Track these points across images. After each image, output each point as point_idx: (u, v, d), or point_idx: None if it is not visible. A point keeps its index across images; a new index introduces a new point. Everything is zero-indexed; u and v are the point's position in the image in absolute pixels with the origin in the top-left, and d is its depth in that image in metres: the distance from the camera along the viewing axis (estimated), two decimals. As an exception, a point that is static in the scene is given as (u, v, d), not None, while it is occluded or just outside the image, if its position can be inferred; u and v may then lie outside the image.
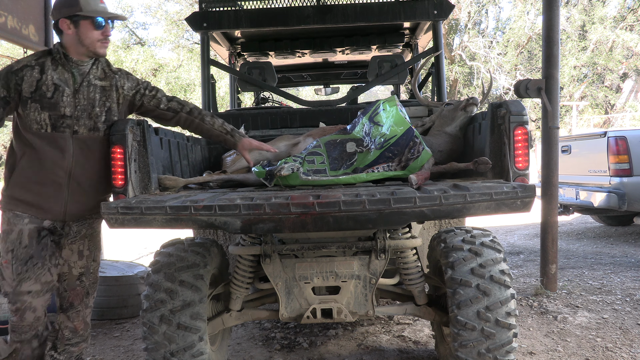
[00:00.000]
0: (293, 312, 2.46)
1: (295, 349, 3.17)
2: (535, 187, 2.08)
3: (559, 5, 4.03)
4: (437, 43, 3.81)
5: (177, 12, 18.12)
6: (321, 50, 4.65)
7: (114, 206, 2.00)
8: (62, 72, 2.23)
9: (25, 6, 3.60)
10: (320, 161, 2.66)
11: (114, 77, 2.37)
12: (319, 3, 4.11)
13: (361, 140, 2.76)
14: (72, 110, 2.23)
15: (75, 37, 2.22)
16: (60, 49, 2.25)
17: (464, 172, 2.66)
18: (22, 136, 2.22)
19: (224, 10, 3.87)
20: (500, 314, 2.18)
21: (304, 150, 2.78)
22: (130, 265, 4.48)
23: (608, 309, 3.72)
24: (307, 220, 1.96)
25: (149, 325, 2.27)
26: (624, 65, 18.32)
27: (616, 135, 5.78)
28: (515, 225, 8.17)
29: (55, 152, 2.22)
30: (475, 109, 2.93)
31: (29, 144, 2.20)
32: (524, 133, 2.30)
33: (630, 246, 6.19)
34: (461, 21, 18.02)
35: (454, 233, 2.46)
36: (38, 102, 2.18)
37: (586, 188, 6.19)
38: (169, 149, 2.72)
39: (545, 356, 2.96)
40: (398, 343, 3.21)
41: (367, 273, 2.43)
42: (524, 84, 3.99)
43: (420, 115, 3.60)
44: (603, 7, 17.40)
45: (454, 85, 18.91)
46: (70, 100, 2.23)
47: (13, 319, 2.27)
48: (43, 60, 2.23)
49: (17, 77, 2.17)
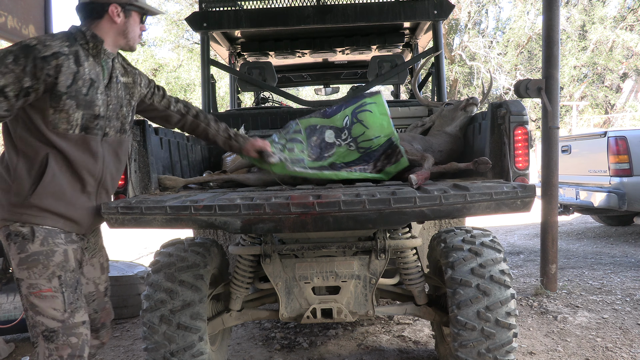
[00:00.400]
0: (293, 312, 2.46)
1: (295, 349, 3.17)
2: (535, 187, 2.08)
3: (559, 5, 4.03)
4: (437, 43, 3.81)
5: (177, 12, 18.11)
6: (321, 50, 4.65)
7: (114, 206, 2.00)
8: (93, 64, 1.92)
9: (25, 6, 3.60)
10: (300, 149, 2.64)
11: (134, 73, 2.16)
12: (319, 3, 4.11)
13: (340, 130, 2.76)
14: (104, 109, 1.96)
15: (122, 27, 1.96)
16: (95, 36, 1.92)
17: (464, 172, 2.66)
18: (44, 136, 1.84)
19: (224, 10, 3.87)
20: (500, 314, 2.18)
21: (285, 132, 2.75)
22: (130, 265, 4.48)
23: (608, 309, 3.72)
24: (307, 220, 1.96)
25: (149, 325, 2.27)
26: (624, 65, 18.31)
27: (616, 135, 5.78)
28: (515, 225, 8.17)
29: (87, 157, 1.92)
30: (475, 109, 2.94)
31: (53, 146, 1.84)
32: (524, 133, 2.30)
33: (630, 246, 6.19)
34: (461, 21, 18.01)
35: (454, 233, 2.46)
36: (74, 98, 1.85)
37: (586, 188, 6.19)
38: (169, 149, 2.72)
39: (545, 356, 2.96)
40: (398, 343, 3.21)
41: (367, 273, 2.43)
42: (524, 84, 3.99)
43: (420, 115, 3.60)
44: (603, 7, 17.39)
45: (454, 85, 18.91)
46: (103, 98, 1.95)
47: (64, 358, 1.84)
48: (76, 49, 1.87)
49: (49, 65, 1.78)
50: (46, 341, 1.81)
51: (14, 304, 3.33)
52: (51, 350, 1.80)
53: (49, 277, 1.81)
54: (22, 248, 1.80)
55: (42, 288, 1.80)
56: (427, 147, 2.85)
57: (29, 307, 1.83)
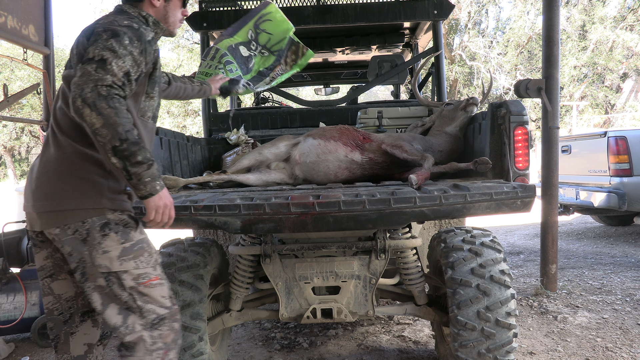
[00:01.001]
0: (293, 312, 2.46)
1: (295, 349, 3.17)
2: (535, 187, 2.08)
3: (559, 5, 4.03)
4: (437, 43, 3.81)
5: (177, 12, 18.07)
6: (321, 50, 4.65)
7: (114, 206, 2.00)
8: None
9: (25, 6, 3.60)
10: (235, 68, 2.81)
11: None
12: (319, 3, 4.11)
13: (248, 43, 2.95)
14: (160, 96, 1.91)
15: (162, 11, 1.86)
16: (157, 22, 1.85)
17: (464, 172, 2.66)
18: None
19: (224, 10, 3.87)
20: (500, 314, 2.18)
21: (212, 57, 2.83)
22: (130, 265, 4.48)
23: (608, 309, 3.72)
24: (307, 220, 1.96)
25: (149, 325, 2.27)
26: (624, 65, 18.30)
27: (616, 135, 5.78)
28: (515, 225, 8.17)
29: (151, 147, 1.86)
30: (475, 109, 2.94)
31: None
32: (524, 133, 2.30)
33: (630, 246, 6.19)
34: (461, 21, 18.00)
35: (454, 233, 2.46)
36: (159, 85, 1.82)
37: (586, 188, 6.19)
38: (169, 149, 2.72)
39: (545, 356, 2.95)
40: (398, 343, 3.21)
41: (367, 273, 2.42)
42: (524, 84, 3.99)
43: (420, 115, 3.60)
44: (603, 7, 17.39)
45: (454, 85, 18.90)
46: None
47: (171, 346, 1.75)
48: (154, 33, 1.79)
49: (152, 49, 1.70)
50: (151, 329, 1.70)
51: (14, 304, 3.33)
52: (155, 338, 1.70)
53: (154, 264, 1.74)
54: (126, 237, 1.68)
55: (151, 277, 1.71)
56: (427, 147, 2.85)
57: (137, 296, 1.68)
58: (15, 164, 23.85)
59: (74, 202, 1.64)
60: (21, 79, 17.53)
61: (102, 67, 1.53)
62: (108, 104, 1.50)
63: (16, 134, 21.81)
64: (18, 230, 3.69)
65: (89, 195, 1.65)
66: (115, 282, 1.66)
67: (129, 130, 1.52)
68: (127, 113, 1.55)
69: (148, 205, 1.63)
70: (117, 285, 1.66)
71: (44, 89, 3.98)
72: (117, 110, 1.51)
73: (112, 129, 1.49)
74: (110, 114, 1.49)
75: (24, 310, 3.33)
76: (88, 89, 1.49)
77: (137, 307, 1.68)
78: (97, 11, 17.50)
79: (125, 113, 1.53)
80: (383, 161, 2.74)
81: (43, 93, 4.00)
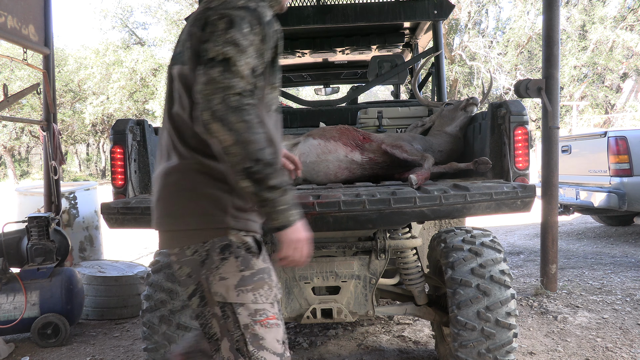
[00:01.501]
0: (293, 312, 2.46)
1: (295, 349, 3.17)
2: (535, 187, 2.08)
3: (559, 5, 4.03)
4: (437, 43, 3.81)
5: (177, 12, 18.13)
6: (321, 50, 4.65)
7: (114, 206, 2.00)
8: None
9: (25, 6, 3.60)
10: None
11: None
12: (319, 3, 4.11)
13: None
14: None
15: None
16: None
17: (464, 172, 2.66)
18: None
19: None
20: (500, 314, 2.18)
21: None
22: (130, 265, 4.48)
23: (608, 309, 3.72)
24: (307, 220, 1.96)
25: (149, 325, 2.27)
26: (624, 65, 18.31)
27: (616, 135, 5.78)
28: (515, 225, 8.16)
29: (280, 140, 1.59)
30: (475, 109, 2.94)
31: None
32: (524, 133, 2.30)
33: (630, 246, 6.19)
34: (461, 21, 18.01)
35: (454, 233, 2.46)
36: (280, 71, 1.54)
37: (586, 188, 6.19)
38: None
39: (546, 356, 2.95)
40: (398, 343, 3.21)
41: (367, 273, 2.42)
42: (524, 84, 3.99)
43: (420, 115, 3.60)
44: (603, 7, 17.39)
45: (454, 85, 18.91)
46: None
47: None
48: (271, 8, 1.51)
49: (273, 31, 1.42)
50: None
51: (14, 304, 3.33)
52: None
53: (272, 301, 1.43)
54: (246, 264, 1.40)
55: (268, 315, 1.41)
56: (427, 147, 2.85)
57: (251, 339, 1.38)
58: (15, 164, 23.87)
59: (195, 220, 1.41)
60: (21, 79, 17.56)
61: (228, 69, 1.28)
62: (239, 117, 1.25)
63: (16, 134, 21.85)
64: (18, 230, 3.69)
65: (213, 214, 1.41)
66: (230, 315, 1.40)
67: (262, 149, 1.27)
68: (259, 127, 1.29)
69: (281, 239, 1.37)
70: (232, 320, 1.40)
71: (44, 89, 3.98)
72: (249, 124, 1.26)
73: (244, 147, 1.25)
74: (242, 129, 1.25)
75: (24, 310, 3.33)
76: (216, 100, 1.25)
77: (248, 352, 1.39)
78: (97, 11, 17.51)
79: (257, 127, 1.28)
80: (383, 161, 2.74)
81: (43, 93, 4.00)
